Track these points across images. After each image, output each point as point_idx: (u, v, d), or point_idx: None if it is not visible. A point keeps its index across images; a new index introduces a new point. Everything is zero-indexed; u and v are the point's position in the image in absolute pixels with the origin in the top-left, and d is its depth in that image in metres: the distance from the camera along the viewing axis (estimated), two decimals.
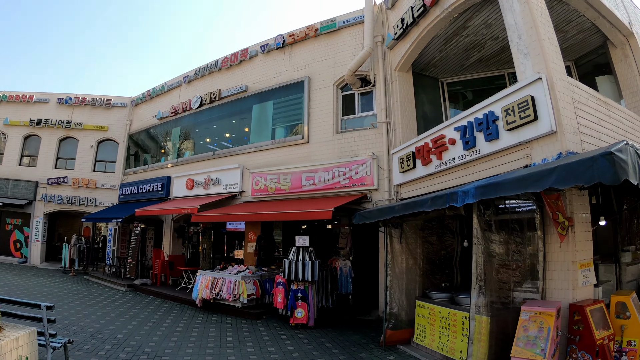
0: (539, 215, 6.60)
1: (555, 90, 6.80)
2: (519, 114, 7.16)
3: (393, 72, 12.43)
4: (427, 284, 9.34)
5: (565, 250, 6.31)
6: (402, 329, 8.91)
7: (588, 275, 6.49)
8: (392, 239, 9.20)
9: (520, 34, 7.63)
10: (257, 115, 15.85)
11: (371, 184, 12.04)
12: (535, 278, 6.64)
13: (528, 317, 5.74)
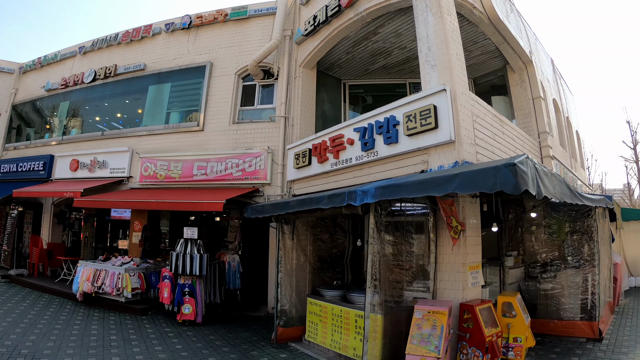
0: (432, 218, 6.92)
1: (458, 102, 7.15)
2: (421, 121, 7.46)
3: (298, 68, 12.36)
4: (317, 282, 9.35)
5: (456, 253, 6.66)
6: (294, 326, 8.82)
7: (477, 277, 6.95)
8: (284, 235, 9.07)
9: (431, 46, 7.91)
10: (152, 96, 14.96)
11: (264, 178, 11.81)
12: (426, 278, 6.93)
13: (421, 315, 5.95)
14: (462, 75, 7.82)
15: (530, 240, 9.37)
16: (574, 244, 8.72)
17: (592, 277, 8.33)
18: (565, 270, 8.67)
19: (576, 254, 8.64)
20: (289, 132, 12.00)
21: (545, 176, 5.05)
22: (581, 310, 8.35)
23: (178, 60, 14.47)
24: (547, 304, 8.72)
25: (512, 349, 6.82)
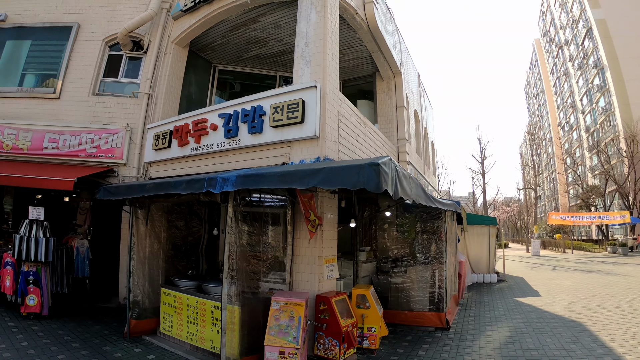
0: (290, 211, 7.01)
1: (326, 100, 7.32)
2: (287, 113, 7.52)
3: (170, 44, 11.70)
4: (172, 271, 8.93)
5: (313, 246, 6.85)
6: (148, 319, 8.31)
7: (332, 269, 7.24)
8: (138, 220, 8.51)
9: (309, 42, 8.01)
10: (8, 53, 13.04)
11: (120, 157, 10.98)
12: (283, 270, 7.04)
13: (279, 307, 6.02)
14: (334, 75, 8.02)
15: (383, 237, 10.04)
16: (423, 243, 9.57)
17: (439, 272, 9.19)
18: (415, 266, 9.44)
19: (425, 251, 9.48)
20: (151, 110, 11.28)
21: (404, 178, 5.35)
22: (430, 302, 9.15)
23: (43, 16, 12.76)
24: (398, 296, 9.39)
25: (367, 338, 7.22)
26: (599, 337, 8.42)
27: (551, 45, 77.69)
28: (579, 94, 64.32)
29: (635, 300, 12.43)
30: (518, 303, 12.66)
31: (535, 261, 30.47)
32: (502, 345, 7.98)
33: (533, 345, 7.96)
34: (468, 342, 8.19)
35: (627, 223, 35.61)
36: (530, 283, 17.49)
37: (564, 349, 7.66)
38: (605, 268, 22.73)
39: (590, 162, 59.41)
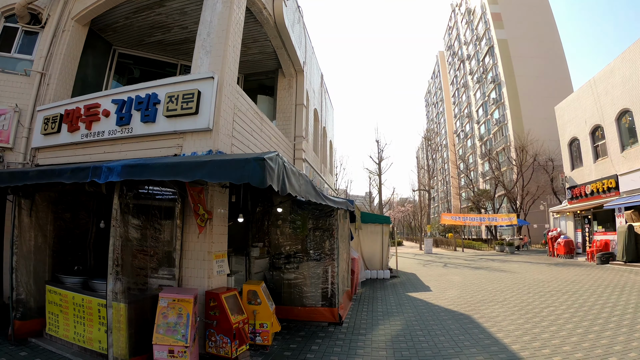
0: (180, 205, 6.80)
1: (223, 92, 7.23)
2: (182, 103, 7.30)
3: (69, 21, 10.75)
4: (58, 267, 8.24)
5: (202, 241, 6.70)
6: (33, 319, 7.61)
7: (222, 265, 7.11)
8: (22, 211, 7.80)
9: (211, 32, 7.83)
10: None
11: (6, 141, 9.95)
12: (172, 265, 6.79)
13: (167, 304, 5.83)
14: (234, 68, 7.91)
15: (276, 233, 10.00)
16: (316, 239, 9.64)
17: (331, 269, 9.33)
18: (308, 262, 9.51)
19: (318, 248, 9.56)
20: (43, 91, 10.31)
21: (292, 175, 5.37)
22: (322, 297, 9.25)
23: None
24: (291, 292, 9.43)
25: (259, 334, 7.18)
26: (486, 329, 8.93)
27: (454, 58, 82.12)
28: (475, 105, 68.81)
29: (520, 294, 13.31)
30: (410, 298, 13.13)
31: (427, 258, 31.80)
32: (393, 339, 8.25)
33: (423, 337, 8.30)
34: (360, 336, 8.39)
35: (514, 225, 38.55)
36: (422, 279, 18.18)
37: (453, 341, 8.04)
38: (493, 265, 24.15)
39: (482, 168, 63.86)
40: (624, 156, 22.03)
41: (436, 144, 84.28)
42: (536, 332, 8.54)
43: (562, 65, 59.35)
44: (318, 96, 17.44)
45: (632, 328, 8.58)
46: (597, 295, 12.42)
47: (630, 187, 21.10)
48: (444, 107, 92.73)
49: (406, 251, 43.41)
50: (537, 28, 59.59)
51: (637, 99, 20.70)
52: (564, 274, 18.10)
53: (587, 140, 25.58)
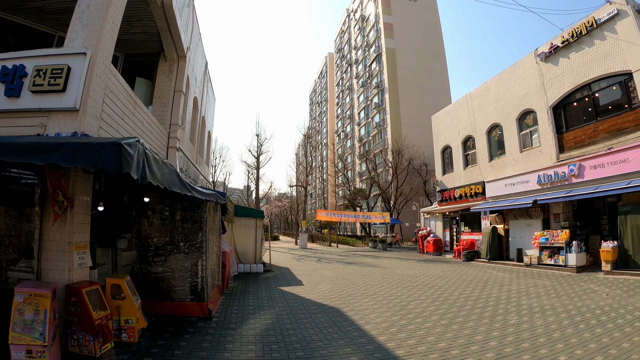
0: (39, 190, 6.14)
1: (94, 71, 6.71)
2: (50, 79, 6.66)
3: None
4: None
5: (62, 230, 6.12)
6: None
7: (84, 257, 6.54)
8: None
9: (90, 4, 7.26)
10: None
11: None
12: (30, 257, 6.14)
13: (23, 299, 5.27)
14: (110, 46, 7.36)
15: (145, 224, 9.37)
16: (185, 232, 9.23)
17: (201, 262, 9.07)
18: (176, 255, 9.11)
19: (187, 240, 9.18)
20: None
21: (155, 163, 5.08)
22: (191, 292, 8.97)
23: None
24: (159, 286, 9.00)
25: (125, 330, 6.72)
26: (354, 322, 9.17)
27: (342, 61, 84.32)
28: (358, 108, 71.31)
29: (389, 288, 13.87)
30: (282, 292, 13.20)
31: (302, 253, 32.28)
32: (263, 333, 8.22)
33: (293, 331, 8.36)
34: (230, 331, 8.27)
35: (387, 223, 40.40)
36: (295, 273, 18.39)
37: (322, 333, 8.17)
38: (366, 261, 25.07)
39: (359, 168, 66.45)
40: (492, 165, 24.34)
41: (316, 142, 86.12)
42: (402, 324, 8.94)
43: (443, 78, 64.12)
44: (200, 84, 16.89)
45: (493, 319, 9.33)
46: (462, 290, 13.37)
47: (495, 193, 23.34)
48: (327, 107, 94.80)
49: (282, 246, 43.79)
50: (425, 42, 63.62)
51: (507, 116, 23.02)
52: (432, 270, 19.27)
53: (459, 149, 27.73)
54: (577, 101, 19.01)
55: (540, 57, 20.46)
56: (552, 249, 17.93)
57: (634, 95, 16.16)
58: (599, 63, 17.39)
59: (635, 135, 15.97)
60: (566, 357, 6.66)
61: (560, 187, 18.73)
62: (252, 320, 9.27)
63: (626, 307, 9.95)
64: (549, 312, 9.87)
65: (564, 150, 19.38)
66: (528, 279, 15.29)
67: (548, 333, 8.06)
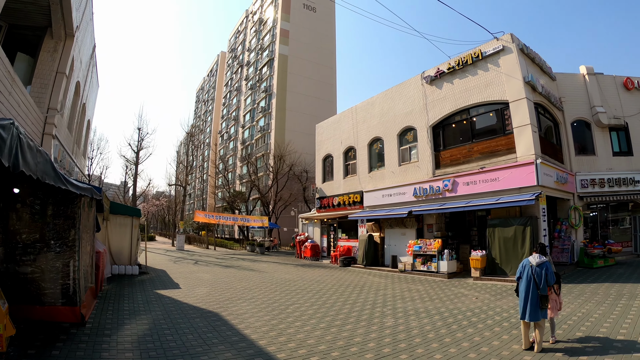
0: None
1: None
2: None
3: None
4: None
5: None
6: None
7: None
8: None
9: None
10: None
11: None
12: None
13: None
14: None
15: (13, 218, 8.25)
16: (56, 228, 8.33)
17: (72, 262, 8.29)
18: (46, 254, 8.20)
19: (58, 238, 8.31)
20: None
21: (29, 150, 4.57)
22: (62, 295, 8.19)
23: None
24: (28, 288, 8.05)
25: None
26: (234, 326, 9.11)
27: (234, 61, 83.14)
28: (244, 110, 70.84)
29: (268, 292, 13.91)
30: (158, 295, 12.77)
31: (179, 255, 31.66)
32: (140, 339, 7.90)
33: (171, 336, 8.12)
34: (105, 338, 7.82)
35: (266, 227, 40.32)
36: (172, 276, 17.94)
37: (201, 338, 8.02)
38: (244, 264, 25.03)
39: (240, 171, 65.87)
40: (371, 176, 25.40)
41: (199, 141, 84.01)
42: (282, 328, 9.06)
43: (331, 89, 66.02)
44: (85, 68, 15.65)
45: (371, 322, 9.72)
46: (340, 294, 13.79)
47: (372, 202, 24.36)
48: (213, 107, 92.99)
49: (158, 247, 42.33)
50: (318, 52, 64.93)
51: (389, 131, 24.23)
52: (310, 274, 19.67)
53: (341, 158, 28.60)
54: (456, 123, 20.69)
55: (426, 80, 21.86)
56: (425, 256, 19.19)
57: (508, 122, 18.02)
58: (479, 91, 19.10)
59: (506, 158, 17.77)
60: (441, 356, 7.17)
61: (435, 200, 20.14)
62: (129, 326, 8.89)
63: (494, 309, 10.95)
64: (424, 314, 10.55)
65: (440, 167, 20.92)
66: (403, 284, 16.17)
67: (423, 334, 8.62)
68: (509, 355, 7.12)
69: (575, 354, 7.00)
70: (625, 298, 11.31)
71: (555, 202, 19.70)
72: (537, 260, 7.63)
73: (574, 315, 9.80)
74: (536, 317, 7.33)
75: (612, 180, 20.20)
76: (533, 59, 19.09)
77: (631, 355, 6.78)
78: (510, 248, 15.88)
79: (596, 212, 21.87)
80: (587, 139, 21.30)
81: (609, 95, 21.42)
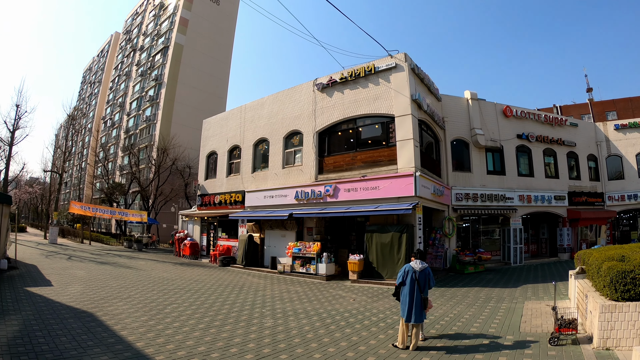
0: None
1: None
2: None
3: None
4: None
5: None
6: None
7: None
8: None
9: None
10: None
11: None
12: None
13: None
14: None
15: None
16: None
17: None
18: None
19: None
20: None
21: None
22: None
23: None
24: None
25: None
26: (110, 327, 8.77)
27: (127, 44, 78.48)
28: (131, 97, 67.29)
29: (145, 291, 13.41)
30: (29, 293, 11.98)
31: (51, 249, 29.77)
32: (10, 342, 7.39)
33: (44, 338, 7.64)
34: None
35: (145, 222, 38.59)
36: (44, 272, 16.84)
37: (76, 341, 7.60)
38: (120, 261, 24.01)
39: (121, 161, 62.56)
40: (254, 177, 25.07)
41: (80, 126, 78.55)
42: (160, 329, 8.87)
43: (223, 85, 64.71)
44: None
45: (250, 322, 9.73)
46: (219, 294, 13.61)
47: (254, 203, 24.04)
48: (99, 90, 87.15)
49: (29, 239, 39.22)
50: (214, 46, 63.20)
51: (276, 133, 24.11)
52: (189, 273, 19.39)
53: (225, 156, 27.95)
54: (342, 131, 21.03)
55: (318, 87, 21.97)
56: (305, 258, 19.42)
57: (392, 135, 18.65)
58: (368, 103, 19.62)
59: (387, 168, 18.35)
60: (320, 355, 7.36)
61: (316, 204, 20.28)
62: None
63: (371, 310, 11.36)
64: (302, 315, 10.71)
65: (323, 172, 21.13)
66: (282, 285, 16.25)
67: (302, 334, 8.81)
68: (385, 354, 7.51)
69: (448, 352, 7.59)
70: (493, 301, 12.34)
71: (432, 212, 20.86)
72: (420, 266, 8.14)
73: (447, 316, 10.51)
74: (421, 319, 7.86)
75: (485, 195, 22.36)
76: (422, 79, 20.05)
77: (500, 352, 7.54)
78: (387, 253, 16.67)
79: (469, 224, 23.76)
80: (464, 156, 23.07)
81: (488, 120, 23.56)
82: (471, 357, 7.26)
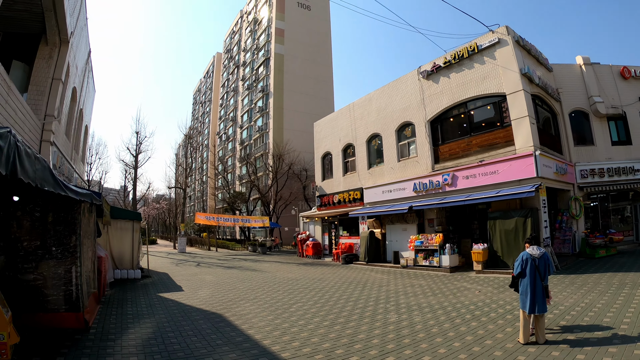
0: None
1: None
2: None
3: None
4: None
5: None
6: None
7: None
8: None
9: None
10: None
11: None
12: None
13: None
14: None
15: (13, 225, 8.23)
16: (57, 235, 8.27)
17: (75, 268, 8.22)
18: (48, 261, 8.15)
19: (59, 244, 8.24)
20: None
21: (27, 157, 4.52)
22: (65, 301, 8.13)
23: None
24: (31, 295, 8.00)
25: None
26: (237, 326, 9.10)
27: (230, 62, 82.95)
28: (241, 111, 70.68)
29: (270, 292, 13.87)
30: (161, 299, 12.72)
31: (181, 257, 31.50)
32: (144, 343, 7.88)
33: (175, 339, 8.10)
34: (110, 342, 7.80)
35: (267, 227, 40.34)
36: (175, 279, 17.88)
37: (205, 340, 8.00)
38: (246, 265, 24.94)
39: (239, 172, 65.78)
40: (370, 173, 25.37)
41: (197, 143, 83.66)
42: (286, 327, 9.05)
43: (328, 87, 65.95)
44: (80, 74, 15.63)
45: (374, 318, 9.71)
46: (342, 291, 13.75)
47: (373, 199, 24.35)
48: (211, 108, 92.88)
49: (160, 250, 42.27)
50: (314, 51, 64.95)
51: (387, 127, 24.21)
52: (312, 273, 19.61)
53: (340, 156, 28.55)
54: (454, 117, 20.68)
55: (422, 75, 21.82)
56: (427, 251, 19.13)
57: (505, 115, 18.00)
58: (476, 84, 19.08)
59: (504, 150, 17.76)
60: (445, 350, 7.17)
61: (435, 194, 20.12)
62: (132, 330, 8.87)
63: (497, 302, 10.92)
64: (427, 309, 10.52)
65: (439, 161, 20.92)
66: (405, 280, 16.13)
67: (427, 328, 8.61)
68: (513, 348, 7.12)
69: (579, 345, 6.99)
70: (628, 287, 11.31)
71: (556, 193, 19.69)
72: (538, 252, 7.65)
73: (577, 305, 9.79)
74: (545, 309, 7.37)
75: (612, 169, 20.20)
76: (529, 50, 19.06)
77: (635, 345, 6.76)
78: (512, 240, 15.85)
79: (597, 202, 21.83)
80: (585, 129, 21.30)
81: (606, 85, 21.39)
82: (604, 351, 6.63)
